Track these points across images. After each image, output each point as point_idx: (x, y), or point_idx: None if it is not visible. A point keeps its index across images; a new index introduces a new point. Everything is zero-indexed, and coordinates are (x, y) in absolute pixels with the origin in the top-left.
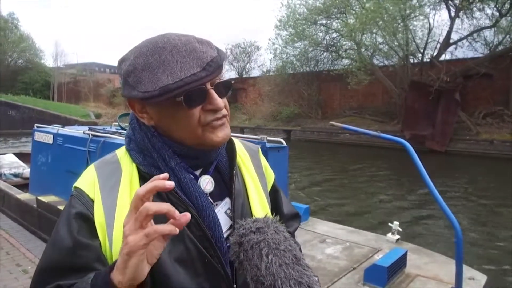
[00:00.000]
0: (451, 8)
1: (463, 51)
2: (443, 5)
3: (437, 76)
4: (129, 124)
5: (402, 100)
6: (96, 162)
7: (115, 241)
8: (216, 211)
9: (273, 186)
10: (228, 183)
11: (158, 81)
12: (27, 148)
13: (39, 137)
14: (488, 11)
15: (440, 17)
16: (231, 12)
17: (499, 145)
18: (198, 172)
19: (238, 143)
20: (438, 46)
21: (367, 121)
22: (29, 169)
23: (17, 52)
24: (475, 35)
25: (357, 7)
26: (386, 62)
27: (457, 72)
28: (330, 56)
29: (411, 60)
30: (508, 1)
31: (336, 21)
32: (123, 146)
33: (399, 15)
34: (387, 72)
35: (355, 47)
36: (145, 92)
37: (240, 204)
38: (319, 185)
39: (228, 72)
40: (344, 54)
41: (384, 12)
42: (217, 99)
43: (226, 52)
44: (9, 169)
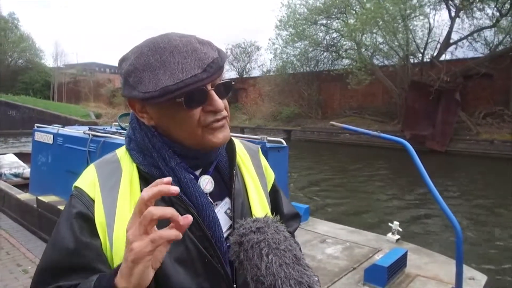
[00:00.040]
0: (451, 8)
1: (463, 51)
2: (443, 5)
3: (437, 76)
4: (130, 124)
5: (402, 100)
6: (96, 162)
7: (116, 241)
8: (216, 211)
9: (273, 186)
10: (228, 183)
11: (159, 82)
12: (27, 148)
13: (39, 137)
14: (489, 11)
15: (440, 17)
16: (231, 12)
17: (499, 145)
18: (198, 172)
19: (238, 143)
20: (438, 46)
21: (367, 121)
22: (29, 169)
23: (17, 52)
24: (475, 35)
25: (357, 7)
26: (386, 62)
27: (457, 72)
28: (330, 56)
29: (411, 60)
30: (508, 1)
31: (336, 21)
32: (123, 146)
33: (399, 15)
34: (387, 72)
35: (355, 47)
36: (146, 93)
37: (240, 204)
38: (319, 185)
39: (228, 72)
40: (344, 54)
41: (384, 12)
42: (218, 100)
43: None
44: (9, 169)
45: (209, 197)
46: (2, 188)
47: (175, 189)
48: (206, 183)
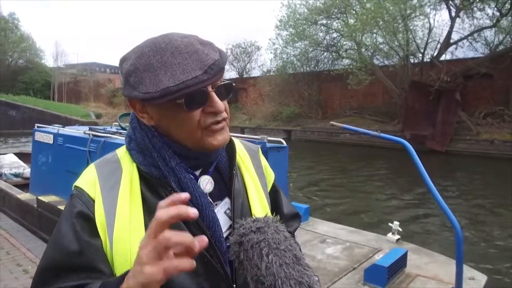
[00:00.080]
0: (452, 8)
1: (464, 51)
2: (444, 5)
3: (438, 76)
4: (130, 124)
5: (403, 100)
6: (97, 162)
7: (116, 241)
8: (216, 211)
9: (273, 186)
10: (228, 183)
11: (159, 83)
12: (28, 148)
13: (40, 137)
14: (489, 11)
15: (441, 17)
16: (231, 12)
17: (500, 145)
18: (198, 172)
19: (238, 143)
20: (439, 46)
21: (367, 121)
22: (30, 169)
23: (18, 52)
24: (476, 35)
25: (358, 7)
26: (387, 62)
27: (458, 72)
28: (331, 56)
29: (412, 60)
30: (509, 1)
31: (337, 21)
32: (124, 146)
33: (400, 15)
34: (388, 72)
35: (356, 47)
36: (146, 93)
37: (240, 204)
38: (319, 185)
39: (229, 72)
40: (345, 54)
41: (385, 12)
42: (218, 102)
43: (227, 52)
44: (10, 169)
45: (209, 197)
46: (2, 188)
47: (194, 213)
48: (206, 183)
